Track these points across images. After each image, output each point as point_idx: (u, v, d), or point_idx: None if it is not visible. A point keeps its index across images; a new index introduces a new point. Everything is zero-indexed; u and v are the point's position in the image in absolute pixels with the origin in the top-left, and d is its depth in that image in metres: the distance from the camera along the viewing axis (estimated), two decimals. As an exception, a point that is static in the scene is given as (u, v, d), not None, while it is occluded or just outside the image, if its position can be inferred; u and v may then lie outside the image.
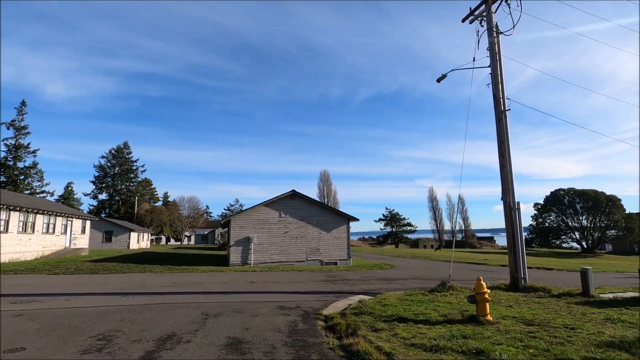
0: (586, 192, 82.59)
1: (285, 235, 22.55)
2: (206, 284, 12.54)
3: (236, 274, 16.15)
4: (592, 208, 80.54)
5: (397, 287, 12.59)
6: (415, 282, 14.01)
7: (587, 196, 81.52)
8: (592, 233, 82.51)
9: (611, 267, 29.72)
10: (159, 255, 30.58)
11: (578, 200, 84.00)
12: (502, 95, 12.45)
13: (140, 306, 7.97)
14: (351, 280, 14.12)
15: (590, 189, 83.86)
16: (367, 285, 12.92)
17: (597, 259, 57.48)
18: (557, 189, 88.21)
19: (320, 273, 17.04)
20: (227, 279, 13.91)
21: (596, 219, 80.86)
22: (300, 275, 15.78)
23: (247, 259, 21.61)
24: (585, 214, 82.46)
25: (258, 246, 21.95)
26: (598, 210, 79.58)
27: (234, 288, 11.41)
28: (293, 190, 23.06)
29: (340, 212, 23.75)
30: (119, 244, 47.70)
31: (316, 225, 23.12)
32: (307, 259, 22.57)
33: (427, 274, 17.81)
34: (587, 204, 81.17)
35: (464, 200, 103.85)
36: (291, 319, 6.86)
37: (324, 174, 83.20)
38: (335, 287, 12.09)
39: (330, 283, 13.22)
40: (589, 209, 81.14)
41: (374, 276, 15.95)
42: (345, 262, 23.09)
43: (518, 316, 7.19)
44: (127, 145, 79.34)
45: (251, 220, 22.27)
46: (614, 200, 79.77)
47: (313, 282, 13.56)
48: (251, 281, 13.40)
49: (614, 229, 79.01)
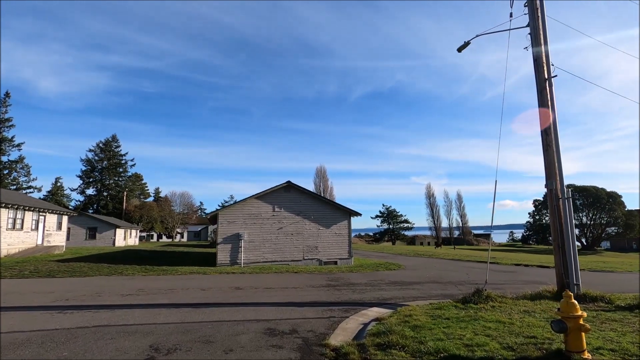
0: (587, 188, 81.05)
1: (280, 232, 20.17)
2: (180, 291, 10.10)
3: (221, 276, 13.74)
4: (592, 204, 79.12)
5: (416, 294, 10.27)
6: (435, 287, 11.71)
7: (588, 192, 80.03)
8: (592, 230, 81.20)
9: (628, 265, 27.78)
10: (140, 253, 28.03)
11: (578, 197, 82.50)
12: (546, 60, 10.14)
13: (67, 331, 5.54)
14: (358, 285, 11.78)
15: (591, 185, 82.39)
16: (379, 291, 10.58)
17: (601, 257, 55.80)
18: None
19: (320, 275, 14.68)
20: (208, 284, 11.48)
21: (596, 215, 79.55)
22: (296, 278, 13.41)
23: (237, 258, 19.20)
24: (585, 210, 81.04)
25: (249, 244, 19.55)
26: (599, 207, 78.18)
27: (213, 298, 8.99)
28: (288, 181, 20.66)
29: (340, 206, 21.42)
30: (103, 241, 44.98)
31: (314, 221, 20.76)
32: (304, 258, 20.22)
33: (441, 275, 15.56)
34: (588, 200, 79.74)
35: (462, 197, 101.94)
36: (284, 358, 4.48)
37: (320, 170, 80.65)
38: (341, 295, 9.73)
39: (333, 289, 10.86)
40: (589, 206, 79.72)
41: (383, 279, 13.63)
42: (346, 261, 20.78)
43: (617, 348, 4.88)
44: (115, 139, 76.27)
45: (241, 215, 19.84)
46: (614, 197, 78.49)
47: (312, 287, 11.19)
48: (237, 287, 10.99)
49: (615, 225, 77.73)
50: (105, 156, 74.47)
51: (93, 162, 73.77)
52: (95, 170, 73.97)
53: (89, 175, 73.46)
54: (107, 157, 74.47)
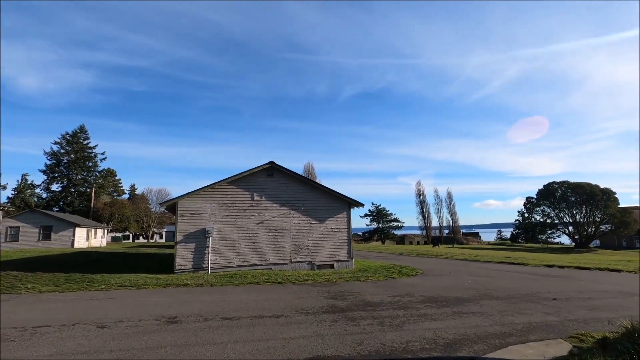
0: (581, 185, 79.11)
1: (260, 227, 15.55)
2: (53, 333, 5.39)
3: (165, 292, 9.03)
4: (586, 201, 77.17)
5: (488, 324, 5.88)
6: (501, 308, 7.34)
7: (582, 189, 78.06)
8: (585, 227, 79.28)
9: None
10: (91, 256, 22.89)
11: (571, 194, 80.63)
12: None
13: None
14: (381, 308, 7.29)
15: (585, 182, 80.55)
16: (424, 321, 6.15)
17: (597, 255, 53.02)
18: (551, 182, 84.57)
19: (315, 287, 10.13)
20: (124, 312, 6.74)
21: (590, 212, 77.67)
22: (280, 295, 8.84)
23: (202, 261, 14.49)
24: (579, 207, 79.11)
25: (219, 243, 14.86)
26: (593, 204, 76.28)
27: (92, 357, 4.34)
28: (271, 162, 16.04)
29: (338, 194, 16.94)
30: (60, 242, 39.15)
31: (305, 213, 16.22)
32: (292, 260, 15.66)
33: (479, 283, 11.25)
34: (582, 198, 77.80)
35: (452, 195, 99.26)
36: None
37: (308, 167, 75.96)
38: (364, 337, 5.24)
39: (343, 318, 6.36)
40: (583, 203, 77.76)
41: (409, 293, 9.19)
42: (345, 264, 16.32)
43: None
44: (83, 130, 69.55)
45: (209, 205, 15.12)
46: (609, 193, 76.74)
47: (306, 313, 6.67)
48: (171, 318, 6.30)
49: (609, 223, 75.87)
50: (72, 149, 67.75)
51: (58, 155, 66.99)
52: (61, 165, 67.23)
53: (54, 170, 66.66)
54: (75, 150, 67.79)
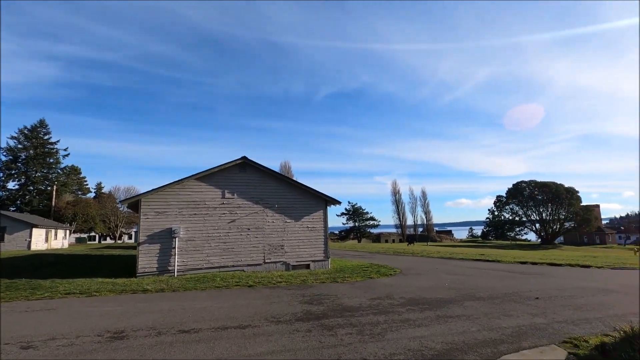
0: (547, 184, 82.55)
1: (232, 226, 14.63)
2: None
3: (119, 300, 8.03)
4: (552, 200, 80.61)
5: (476, 329, 5.39)
6: (486, 310, 6.92)
7: (548, 188, 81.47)
8: (551, 225, 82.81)
9: (605, 258, 25.15)
10: (46, 259, 21.06)
11: (538, 192, 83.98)
12: None
13: None
14: (360, 313, 6.68)
15: (551, 181, 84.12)
16: (407, 328, 5.58)
17: (562, 251, 55.45)
18: (520, 181, 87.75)
19: (289, 290, 9.40)
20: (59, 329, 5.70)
21: (556, 210, 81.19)
22: (249, 300, 8.05)
23: (168, 263, 13.41)
24: (545, 205, 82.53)
25: (187, 243, 13.83)
26: (558, 202, 79.77)
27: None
28: (244, 157, 15.14)
29: (314, 191, 16.26)
30: (15, 244, 36.23)
31: (279, 211, 15.44)
32: (265, 261, 14.85)
33: (460, 282, 10.91)
34: (548, 196, 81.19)
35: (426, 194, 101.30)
36: None
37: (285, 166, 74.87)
38: (342, 350, 4.57)
39: (318, 327, 5.69)
40: (549, 201, 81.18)
41: (389, 294, 8.65)
42: (321, 264, 15.69)
43: None
44: (43, 124, 65.12)
45: (176, 203, 14.03)
46: (572, 192, 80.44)
47: (278, 322, 5.95)
48: (118, 333, 5.37)
49: (573, 220, 79.57)
50: (31, 144, 63.29)
51: (15, 151, 62.35)
52: (19, 161, 62.63)
53: (10, 167, 61.98)
54: (34, 145, 63.35)
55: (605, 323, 5.99)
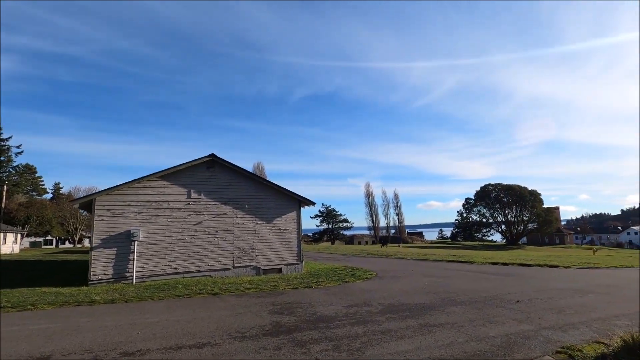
0: (512, 187, 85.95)
1: (199, 228, 13.60)
2: None
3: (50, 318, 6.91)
4: (516, 202, 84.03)
5: (463, 340, 4.89)
6: (470, 316, 6.49)
7: (513, 191, 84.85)
8: (516, 226, 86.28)
9: (568, 258, 26.21)
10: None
11: (504, 195, 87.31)
12: None
13: None
14: (336, 324, 6.04)
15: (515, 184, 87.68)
16: (389, 342, 5.00)
17: (527, 251, 57.77)
18: (487, 184, 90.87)
19: (258, 298, 8.61)
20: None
21: (520, 212, 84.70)
22: (211, 312, 7.19)
23: (126, 269, 12.20)
24: (510, 207, 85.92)
25: (148, 247, 12.66)
26: (522, 204, 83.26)
27: None
28: (212, 154, 14.15)
29: (288, 191, 15.51)
30: (-45, 249, 32.82)
31: (250, 212, 14.57)
32: (235, 265, 13.92)
33: (437, 285, 10.56)
34: (513, 198, 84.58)
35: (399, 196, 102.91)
36: None
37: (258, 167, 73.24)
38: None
39: (289, 342, 4.98)
40: (514, 203, 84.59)
41: (367, 301, 8.07)
42: (294, 267, 14.96)
43: None
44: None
45: (136, 203, 12.83)
46: (535, 195, 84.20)
47: (243, 338, 5.19)
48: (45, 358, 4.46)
49: (535, 221, 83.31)
50: (-21, 141, 58.13)
51: (-40, 147, 57.02)
52: (-36, 159, 57.33)
53: (-46, 164, 56.61)
54: (-18, 141, 58.20)
55: (592, 328, 5.71)
